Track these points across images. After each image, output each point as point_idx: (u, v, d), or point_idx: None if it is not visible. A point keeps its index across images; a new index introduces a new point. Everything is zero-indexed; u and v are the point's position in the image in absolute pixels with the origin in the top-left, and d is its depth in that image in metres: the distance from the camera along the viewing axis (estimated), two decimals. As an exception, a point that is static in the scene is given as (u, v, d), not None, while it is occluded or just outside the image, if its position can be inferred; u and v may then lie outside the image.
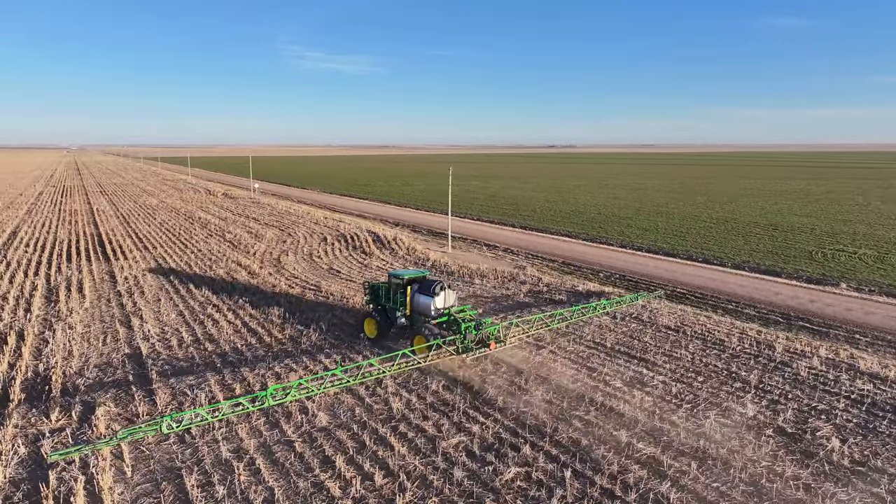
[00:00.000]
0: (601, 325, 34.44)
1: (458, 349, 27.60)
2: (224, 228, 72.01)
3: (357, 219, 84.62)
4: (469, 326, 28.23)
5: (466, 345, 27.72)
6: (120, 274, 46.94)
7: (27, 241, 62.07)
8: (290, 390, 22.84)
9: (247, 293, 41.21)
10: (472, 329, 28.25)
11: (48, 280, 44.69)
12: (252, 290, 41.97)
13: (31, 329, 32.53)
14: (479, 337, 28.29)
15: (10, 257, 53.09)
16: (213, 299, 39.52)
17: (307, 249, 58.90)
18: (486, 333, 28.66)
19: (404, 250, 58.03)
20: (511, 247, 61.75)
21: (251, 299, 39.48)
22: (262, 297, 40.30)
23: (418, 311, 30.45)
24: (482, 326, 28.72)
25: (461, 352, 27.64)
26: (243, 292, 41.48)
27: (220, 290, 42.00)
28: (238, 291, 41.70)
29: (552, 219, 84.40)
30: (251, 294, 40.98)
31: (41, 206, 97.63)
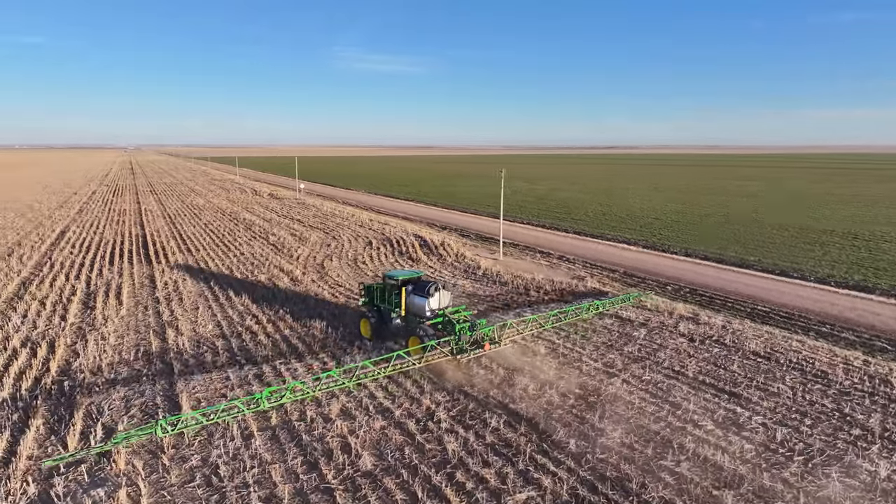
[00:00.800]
0: (678, 349, 30.48)
1: (452, 350, 27.53)
2: (268, 230, 70.44)
3: (403, 221, 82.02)
4: (463, 327, 28.14)
5: (461, 346, 27.60)
6: (160, 278, 45.36)
7: (74, 241, 61.70)
8: (285, 393, 23.13)
9: (288, 302, 38.81)
10: (467, 330, 28.22)
11: (88, 284, 43.41)
12: (294, 299, 39.56)
13: (63, 339, 30.76)
14: (474, 338, 28.32)
15: (55, 258, 52.39)
16: (252, 308, 37.24)
17: (352, 254, 56.45)
18: (481, 334, 28.57)
19: (452, 257, 54.92)
20: (566, 254, 57.87)
21: (292, 309, 37.01)
22: (303, 307, 37.80)
23: (413, 311, 30.18)
24: (476, 327, 28.58)
25: (455, 353, 27.43)
26: (284, 301, 39.10)
27: (260, 298, 39.74)
28: (279, 300, 39.34)
29: (607, 224, 79.90)
30: (293, 303, 38.55)
31: (92, 206, 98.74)
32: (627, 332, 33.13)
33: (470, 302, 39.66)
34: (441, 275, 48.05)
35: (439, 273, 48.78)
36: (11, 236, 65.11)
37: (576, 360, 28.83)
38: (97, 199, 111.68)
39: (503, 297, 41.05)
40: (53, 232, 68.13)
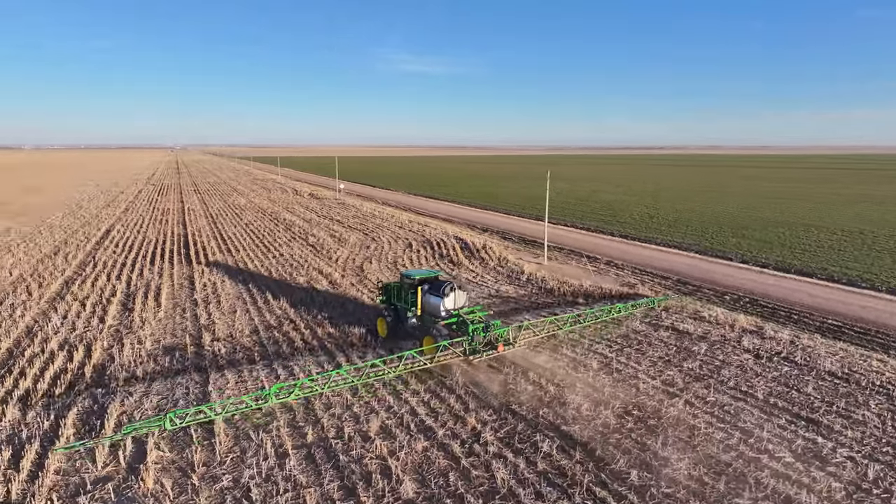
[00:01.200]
0: (743, 367, 28.02)
1: (464, 350, 27.61)
2: (308, 231, 69.90)
3: (443, 223, 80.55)
4: (477, 328, 27.95)
5: (474, 346, 27.64)
6: (199, 280, 44.90)
7: (118, 240, 62.24)
8: (294, 389, 23.62)
9: (327, 306, 37.66)
10: (481, 331, 28.02)
11: (129, 284, 43.22)
12: (333, 303, 38.39)
13: (100, 343, 30.18)
14: (488, 339, 28.17)
15: (98, 258, 52.71)
16: (290, 313, 36.21)
17: (391, 256, 55.20)
18: (495, 335, 28.37)
19: (495, 260, 53.09)
20: (614, 259, 55.35)
21: (331, 314, 35.82)
22: (342, 311, 36.58)
23: (429, 311, 30.12)
24: (490, 328, 28.36)
25: (468, 353, 27.54)
26: (323, 305, 37.97)
27: (298, 302, 38.72)
28: (318, 304, 38.24)
29: (655, 227, 76.76)
30: (331, 308, 37.38)
31: (138, 205, 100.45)
32: (686, 347, 30.77)
33: (515, 309, 37.82)
34: (483, 280, 46.31)
35: (482, 278, 47.05)
36: (59, 234, 66.22)
37: (631, 377, 26.73)
38: (143, 198, 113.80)
39: (550, 305, 39.11)
40: (99, 231, 69.07)
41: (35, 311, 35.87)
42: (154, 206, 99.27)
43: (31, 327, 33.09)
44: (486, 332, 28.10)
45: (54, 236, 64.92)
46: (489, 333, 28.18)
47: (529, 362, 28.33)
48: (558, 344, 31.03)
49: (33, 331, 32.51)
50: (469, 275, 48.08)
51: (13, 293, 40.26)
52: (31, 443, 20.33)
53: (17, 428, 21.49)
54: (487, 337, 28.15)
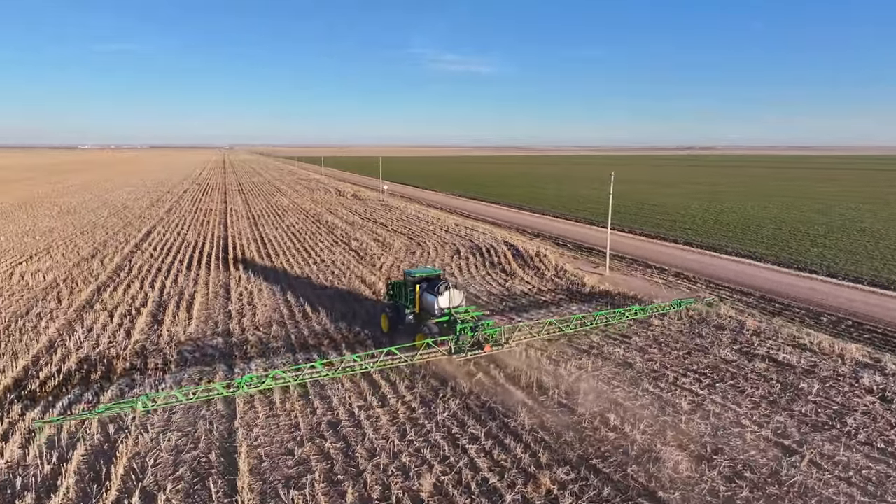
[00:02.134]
0: (871, 413, 23.03)
1: (450, 350, 27.25)
2: (350, 235, 66.87)
3: (491, 227, 76.44)
4: (465, 328, 27.67)
5: (461, 346, 27.23)
6: (235, 288, 42.09)
7: (157, 243, 60.40)
8: (266, 379, 24.01)
9: (370, 323, 34.06)
10: (468, 330, 27.64)
11: (161, 292, 40.68)
12: (376, 318, 34.77)
13: (121, 363, 27.31)
14: (475, 339, 27.71)
15: (134, 262, 50.67)
16: (330, 330, 32.77)
17: (439, 264, 51.45)
18: (484, 336, 27.90)
19: (552, 270, 48.71)
20: (683, 270, 50.20)
21: (374, 333, 32.25)
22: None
23: (425, 309, 30.50)
24: (479, 328, 27.91)
25: (453, 352, 27.15)
26: (366, 321, 34.41)
27: (339, 315, 35.27)
28: (360, 319, 34.71)
29: (721, 233, 70.84)
30: (375, 325, 33.77)
31: (182, 205, 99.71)
32: (792, 384, 25.89)
33: (581, 332, 33.46)
34: (541, 293, 42.04)
35: (538, 290, 42.79)
36: (100, 236, 64.97)
37: (733, 423, 22.15)
38: (187, 197, 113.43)
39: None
40: (140, 232, 67.63)
41: (61, 322, 33.48)
42: (198, 206, 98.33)
43: (53, 341, 30.58)
44: (473, 332, 27.68)
45: (95, 237, 63.66)
46: (477, 333, 27.71)
47: (606, 399, 24.07)
48: (636, 376, 26.61)
49: (55, 345, 29.96)
50: (524, 286, 43.89)
51: (42, 300, 38.15)
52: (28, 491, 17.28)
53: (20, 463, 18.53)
54: (475, 336, 27.71)
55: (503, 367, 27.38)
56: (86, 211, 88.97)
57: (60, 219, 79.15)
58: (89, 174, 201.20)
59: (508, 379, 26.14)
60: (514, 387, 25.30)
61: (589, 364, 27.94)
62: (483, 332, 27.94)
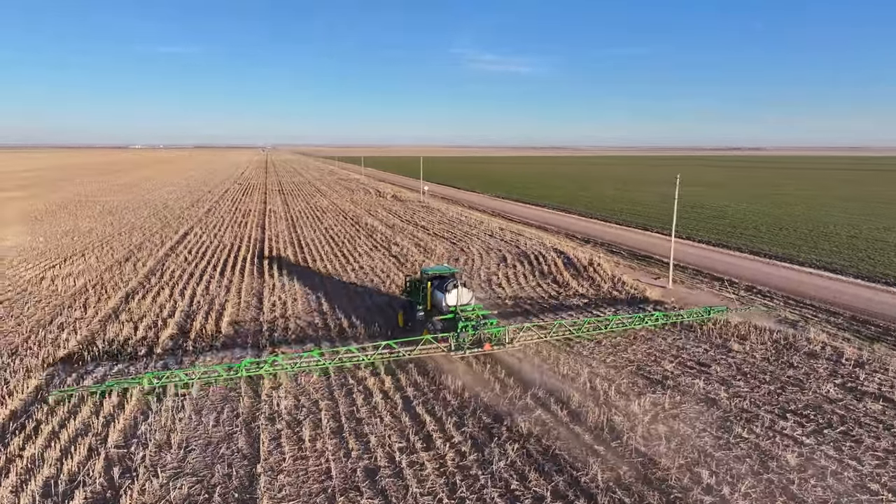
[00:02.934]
0: None
1: (450, 346, 27.48)
2: (391, 239, 63.93)
3: (538, 231, 72.50)
4: (466, 325, 27.87)
5: (460, 343, 27.37)
6: (269, 297, 39.46)
7: (192, 246, 58.59)
8: (265, 365, 25.39)
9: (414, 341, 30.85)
10: (469, 328, 27.77)
11: (192, 300, 38.34)
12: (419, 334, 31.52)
13: (134, 396, 24.56)
14: (476, 337, 27.71)
15: (167, 266, 48.74)
16: (368, 349, 29.67)
17: (484, 273, 47.95)
18: (486, 334, 27.81)
19: (608, 282, 44.60)
20: (756, 284, 45.32)
21: (415, 356, 28.96)
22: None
23: (435, 306, 30.61)
24: (480, 327, 27.97)
25: (453, 349, 27.41)
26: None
27: (378, 332, 32.14)
28: (402, 336, 31.43)
29: (790, 241, 65.18)
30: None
31: (222, 205, 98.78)
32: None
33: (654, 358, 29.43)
34: (598, 308, 38.05)
35: (595, 304, 38.82)
36: (137, 237, 63.73)
37: (858, 487, 18.03)
38: (227, 197, 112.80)
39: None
40: (177, 234, 66.17)
41: (83, 335, 31.28)
42: (237, 206, 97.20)
43: (71, 356, 28.30)
44: (475, 330, 27.70)
45: (132, 239, 62.41)
46: (478, 332, 27.71)
47: (692, 447, 20.14)
48: (725, 417, 22.56)
49: (73, 360, 27.68)
50: (579, 300, 39.95)
51: (68, 308, 36.21)
52: None
53: None
54: (476, 335, 27.68)
55: (565, 400, 23.73)
56: (127, 211, 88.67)
57: (101, 219, 78.73)
58: (136, 173, 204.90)
59: (573, 417, 22.46)
60: (581, 427, 21.63)
61: (665, 399, 24.01)
62: (485, 331, 27.85)
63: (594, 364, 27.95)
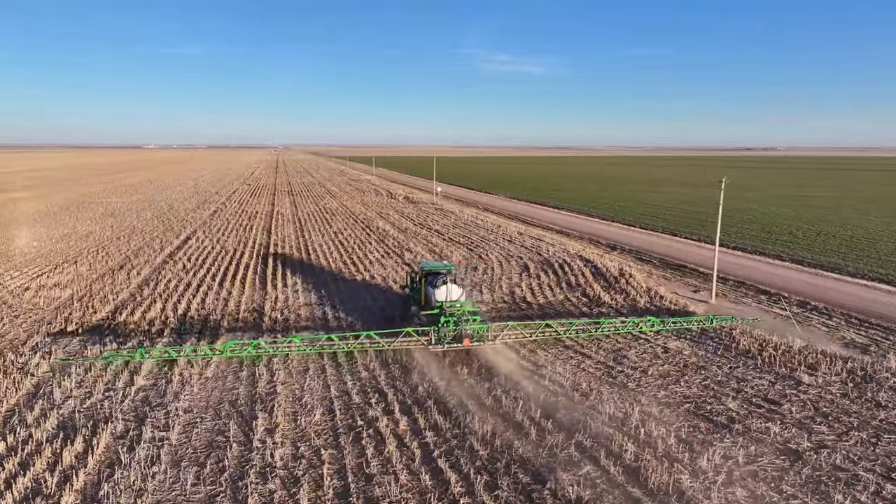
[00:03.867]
0: None
1: (430, 340, 27.80)
2: (403, 244, 60.06)
3: (559, 236, 68.35)
4: (448, 321, 27.97)
5: (440, 337, 27.62)
6: (270, 312, 35.69)
7: (192, 252, 54.99)
8: (248, 347, 27.23)
9: (429, 368, 26.92)
10: (451, 324, 27.83)
11: (184, 317, 34.64)
12: (438, 364, 27.56)
13: (111, 426, 20.89)
14: (458, 332, 27.72)
15: (163, 275, 45.16)
16: (380, 381, 25.75)
17: (506, 284, 43.95)
18: (467, 331, 27.80)
19: (643, 295, 40.40)
20: (808, 299, 40.79)
21: (434, 387, 24.98)
22: (453, 378, 25.70)
23: (427, 300, 30.70)
24: (462, 322, 27.96)
25: (433, 343, 27.67)
26: (424, 367, 27.23)
27: (391, 359, 28.21)
28: (416, 365, 27.46)
29: (831, 248, 60.61)
30: (437, 370, 26.61)
31: (228, 207, 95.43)
32: None
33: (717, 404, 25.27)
34: (636, 325, 33.88)
35: (632, 322, 34.64)
36: (136, 242, 60.34)
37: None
38: (235, 199, 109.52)
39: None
40: (178, 238, 62.68)
41: (59, 357, 27.65)
42: (244, 208, 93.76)
43: (39, 387, 24.63)
44: (456, 326, 27.81)
45: (130, 244, 59.01)
46: (459, 327, 27.80)
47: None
48: (816, 477, 18.43)
49: (40, 394, 23.99)
50: (614, 316, 35.77)
51: (48, 325, 32.68)
52: None
53: None
54: (457, 330, 27.76)
55: (617, 452, 19.69)
56: (130, 213, 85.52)
57: (102, 221, 75.54)
58: (145, 173, 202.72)
59: (629, 476, 18.45)
60: (641, 490, 17.64)
61: (739, 452, 19.89)
62: (466, 328, 27.84)
63: (644, 401, 23.85)
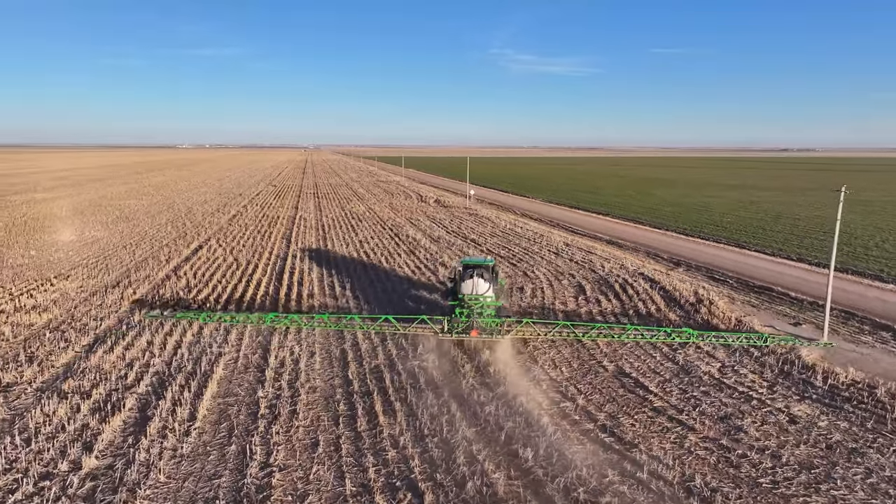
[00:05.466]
0: None
1: (443, 328, 29.57)
2: (437, 257, 53.21)
3: (610, 248, 60.71)
4: (462, 312, 29.32)
5: (452, 327, 29.29)
6: (276, 352, 29.02)
7: (200, 266, 48.87)
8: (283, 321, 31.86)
9: (476, 421, 19.94)
10: (463, 315, 29.17)
11: (174, 353, 28.31)
12: (483, 429, 20.55)
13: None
14: (468, 324, 28.84)
15: (160, 296, 39.12)
16: (408, 445, 18.93)
17: (560, 309, 36.80)
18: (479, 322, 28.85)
19: (730, 328, 32.74)
20: (945, 338, 32.67)
21: (476, 443, 18.01)
22: (503, 439, 18.70)
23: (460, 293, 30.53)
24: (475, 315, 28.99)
25: (445, 331, 29.44)
26: (470, 417, 20.26)
27: (426, 411, 21.31)
28: (453, 429, 20.49)
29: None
30: (485, 438, 19.65)
31: (249, 211, 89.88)
32: None
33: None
34: (740, 377, 26.33)
35: (722, 372, 27.10)
36: (142, 251, 54.71)
37: None
38: (258, 201, 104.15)
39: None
40: (189, 247, 56.84)
41: (5, 415, 21.49)
42: (265, 212, 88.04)
43: None
44: (467, 318, 28.94)
45: (135, 254, 53.40)
46: (471, 319, 28.85)
47: None
48: None
49: None
50: (706, 362, 28.25)
51: (13, 361, 26.71)
52: None
53: None
54: (469, 322, 28.82)
55: None
56: (145, 217, 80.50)
57: (112, 227, 70.46)
58: (172, 173, 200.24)
59: None
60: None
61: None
62: (479, 320, 28.85)
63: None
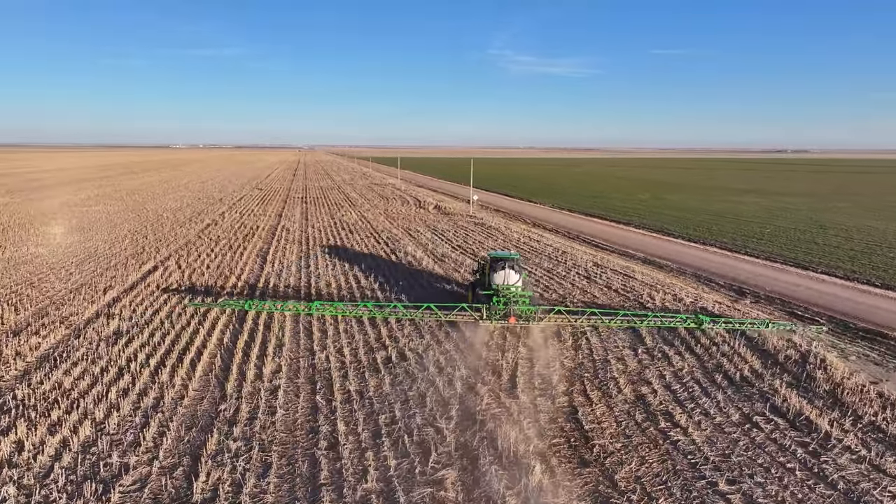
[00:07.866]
0: None
1: (482, 315, 31.42)
2: (442, 284, 43.68)
3: (649, 269, 51.02)
4: (499, 301, 31.45)
5: (490, 315, 31.18)
6: (206, 466, 19.54)
7: (143, 298, 38.69)
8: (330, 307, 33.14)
9: None
10: (501, 304, 31.31)
11: (91, 444, 18.79)
12: None
13: None
14: (506, 311, 30.88)
15: (83, 340, 29.33)
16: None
17: (624, 381, 27.31)
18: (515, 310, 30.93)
19: (866, 403, 23.39)
20: None
21: None
22: None
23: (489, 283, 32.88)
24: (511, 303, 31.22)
25: (484, 318, 31.27)
26: None
27: None
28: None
29: None
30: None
31: (227, 219, 79.95)
32: None
33: None
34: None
35: (847, 457, 17.84)
36: (78, 277, 44.46)
37: None
38: (239, 207, 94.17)
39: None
40: (139, 270, 46.80)
41: None
42: (244, 220, 78.09)
43: None
44: (504, 306, 31.09)
45: (69, 281, 43.36)
46: (508, 307, 30.95)
47: None
48: None
49: None
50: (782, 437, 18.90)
51: None
52: None
53: None
54: (506, 310, 30.94)
55: None
56: (105, 226, 70.49)
57: (60, 240, 60.46)
58: (155, 175, 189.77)
59: None
60: None
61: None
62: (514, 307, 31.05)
63: None
